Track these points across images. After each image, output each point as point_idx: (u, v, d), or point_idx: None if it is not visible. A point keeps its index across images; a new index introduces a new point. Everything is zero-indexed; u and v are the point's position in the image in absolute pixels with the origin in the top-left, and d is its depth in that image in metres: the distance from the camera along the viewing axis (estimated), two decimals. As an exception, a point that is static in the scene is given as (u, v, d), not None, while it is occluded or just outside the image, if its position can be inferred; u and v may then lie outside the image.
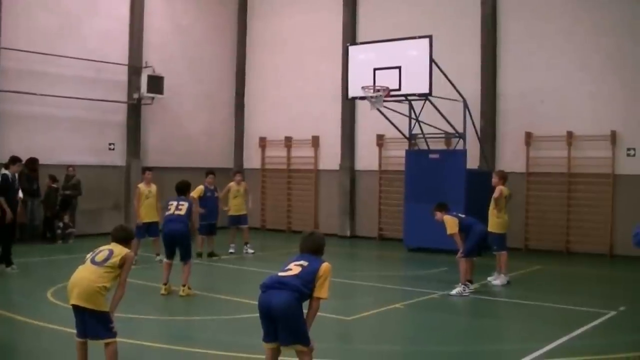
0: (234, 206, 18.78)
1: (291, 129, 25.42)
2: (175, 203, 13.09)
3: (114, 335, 7.20)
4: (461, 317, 12.12)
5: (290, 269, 6.85)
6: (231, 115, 27.13)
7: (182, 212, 12.95)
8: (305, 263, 6.88)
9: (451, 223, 13.46)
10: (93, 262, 7.26)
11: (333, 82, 23.79)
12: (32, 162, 19.58)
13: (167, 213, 13.09)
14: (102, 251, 7.37)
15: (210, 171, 18.14)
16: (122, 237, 7.64)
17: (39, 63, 20.78)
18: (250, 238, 19.08)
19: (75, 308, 7.14)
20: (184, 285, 12.74)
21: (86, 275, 7.16)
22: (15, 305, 12.16)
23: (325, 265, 6.87)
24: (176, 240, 12.86)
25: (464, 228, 13.51)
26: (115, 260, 7.27)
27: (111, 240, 7.59)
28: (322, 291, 6.78)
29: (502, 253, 14.58)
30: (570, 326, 10.61)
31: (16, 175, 15.66)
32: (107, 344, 7.14)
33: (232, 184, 18.99)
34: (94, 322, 7.09)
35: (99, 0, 22.79)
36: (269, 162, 26.14)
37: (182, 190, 13.48)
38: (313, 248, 7.08)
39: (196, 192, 17.22)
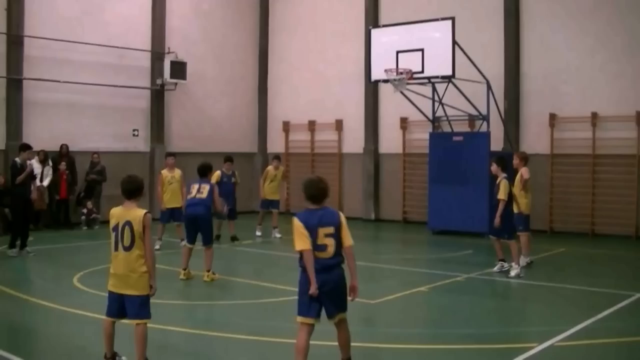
0: (268, 189, 18.94)
1: (314, 113, 25.40)
2: (197, 186, 13.00)
3: (150, 316, 7.30)
4: (485, 299, 12.09)
5: (326, 244, 6.96)
6: (254, 99, 27.14)
7: (204, 195, 12.88)
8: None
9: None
10: (124, 248, 7.26)
11: (356, 65, 23.75)
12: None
13: (188, 197, 13.05)
14: (124, 230, 7.26)
15: (228, 157, 18.27)
16: (133, 189, 7.45)
17: (62, 50, 20.91)
18: (278, 222, 19.14)
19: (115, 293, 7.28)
20: (208, 271, 12.77)
21: (124, 265, 7.22)
22: (42, 291, 12.31)
23: (342, 216, 7.11)
24: (198, 223, 12.80)
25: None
26: (137, 232, 7.22)
27: (123, 197, 7.45)
28: (348, 239, 7.03)
29: (525, 234, 14.49)
30: (595, 308, 10.57)
31: (28, 162, 15.53)
32: (137, 325, 7.21)
33: (269, 167, 19.25)
34: (136, 305, 7.19)
35: (121, -14, 22.89)
36: (292, 146, 26.14)
37: (204, 172, 13.30)
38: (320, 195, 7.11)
39: (213, 177, 17.32)
